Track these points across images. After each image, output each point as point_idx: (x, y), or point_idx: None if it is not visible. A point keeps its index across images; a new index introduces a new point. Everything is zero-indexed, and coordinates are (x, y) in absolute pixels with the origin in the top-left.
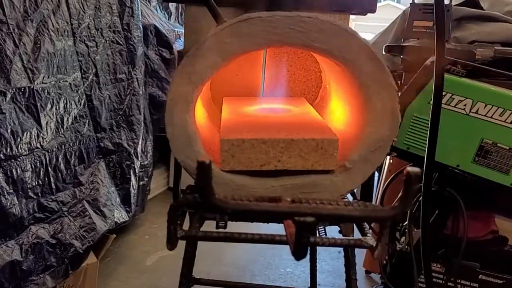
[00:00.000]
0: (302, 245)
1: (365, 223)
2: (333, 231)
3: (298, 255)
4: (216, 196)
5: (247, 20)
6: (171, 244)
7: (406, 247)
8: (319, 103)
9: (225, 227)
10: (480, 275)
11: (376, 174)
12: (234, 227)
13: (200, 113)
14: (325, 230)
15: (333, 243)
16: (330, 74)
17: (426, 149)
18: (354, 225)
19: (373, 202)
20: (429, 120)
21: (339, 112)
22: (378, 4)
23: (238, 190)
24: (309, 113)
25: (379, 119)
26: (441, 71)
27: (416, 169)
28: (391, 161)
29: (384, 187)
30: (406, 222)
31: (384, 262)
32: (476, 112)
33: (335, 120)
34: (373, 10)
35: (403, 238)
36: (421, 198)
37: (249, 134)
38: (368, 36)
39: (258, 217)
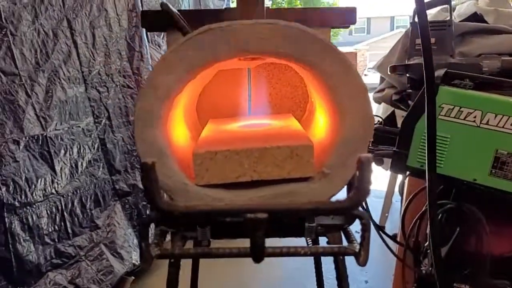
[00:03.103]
0: (258, 244)
1: (350, 230)
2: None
3: (254, 255)
4: (163, 199)
5: (207, 31)
6: (145, 262)
7: (430, 269)
8: (307, 117)
9: (208, 245)
10: None
11: (399, 198)
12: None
13: (182, 134)
14: (316, 241)
15: (315, 252)
16: (308, 82)
17: (426, 161)
18: (342, 234)
19: (398, 225)
20: (426, 132)
21: (321, 121)
22: (391, 32)
23: None
24: (289, 125)
25: (352, 121)
26: (431, 84)
27: (367, 155)
28: (408, 180)
29: (404, 209)
30: (427, 243)
31: None
32: (487, 123)
33: (318, 130)
34: (353, 22)
35: (426, 261)
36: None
37: (222, 146)
38: None
39: (217, 226)
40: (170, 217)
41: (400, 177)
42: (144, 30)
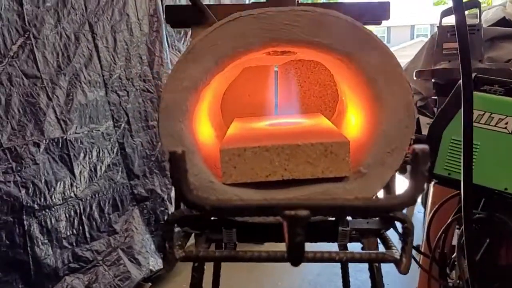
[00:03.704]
0: (297, 245)
1: (388, 236)
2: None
3: (292, 257)
4: (194, 192)
5: (238, 18)
6: (168, 264)
7: (458, 281)
8: (337, 117)
9: (234, 248)
10: None
11: (422, 208)
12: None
13: (207, 132)
14: (346, 247)
15: (350, 258)
16: (340, 78)
17: (462, 170)
18: (379, 240)
19: (422, 237)
20: (462, 139)
21: (354, 119)
22: (412, 41)
23: None
24: (321, 124)
25: (392, 116)
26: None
27: (423, 146)
28: (432, 189)
29: (429, 220)
30: (455, 254)
31: None
32: None
33: (350, 129)
34: (386, 17)
35: (453, 273)
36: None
37: (251, 143)
38: None
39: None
40: (201, 211)
41: None
42: (165, 35)
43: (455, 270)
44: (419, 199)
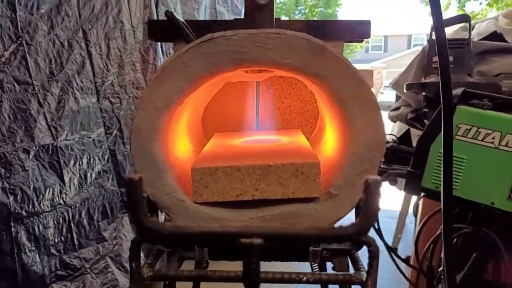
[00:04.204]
0: (251, 271)
1: (358, 256)
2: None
3: (247, 282)
4: (151, 218)
5: (210, 40)
6: (135, 284)
7: None
8: (317, 134)
9: (206, 267)
10: None
11: (413, 219)
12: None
13: (185, 148)
14: (321, 266)
15: (318, 279)
16: (318, 96)
17: (442, 183)
18: (349, 260)
19: (411, 248)
20: (442, 152)
21: (330, 139)
22: (408, 50)
23: (213, 224)
24: (297, 142)
25: (362, 138)
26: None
27: (375, 177)
28: (422, 201)
29: (418, 231)
30: (441, 268)
31: None
32: (506, 145)
33: (327, 148)
34: (367, 36)
35: (440, 286)
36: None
37: (223, 162)
38: None
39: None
40: (157, 238)
41: (414, 197)
42: (159, 43)
43: (442, 283)
44: (411, 210)
